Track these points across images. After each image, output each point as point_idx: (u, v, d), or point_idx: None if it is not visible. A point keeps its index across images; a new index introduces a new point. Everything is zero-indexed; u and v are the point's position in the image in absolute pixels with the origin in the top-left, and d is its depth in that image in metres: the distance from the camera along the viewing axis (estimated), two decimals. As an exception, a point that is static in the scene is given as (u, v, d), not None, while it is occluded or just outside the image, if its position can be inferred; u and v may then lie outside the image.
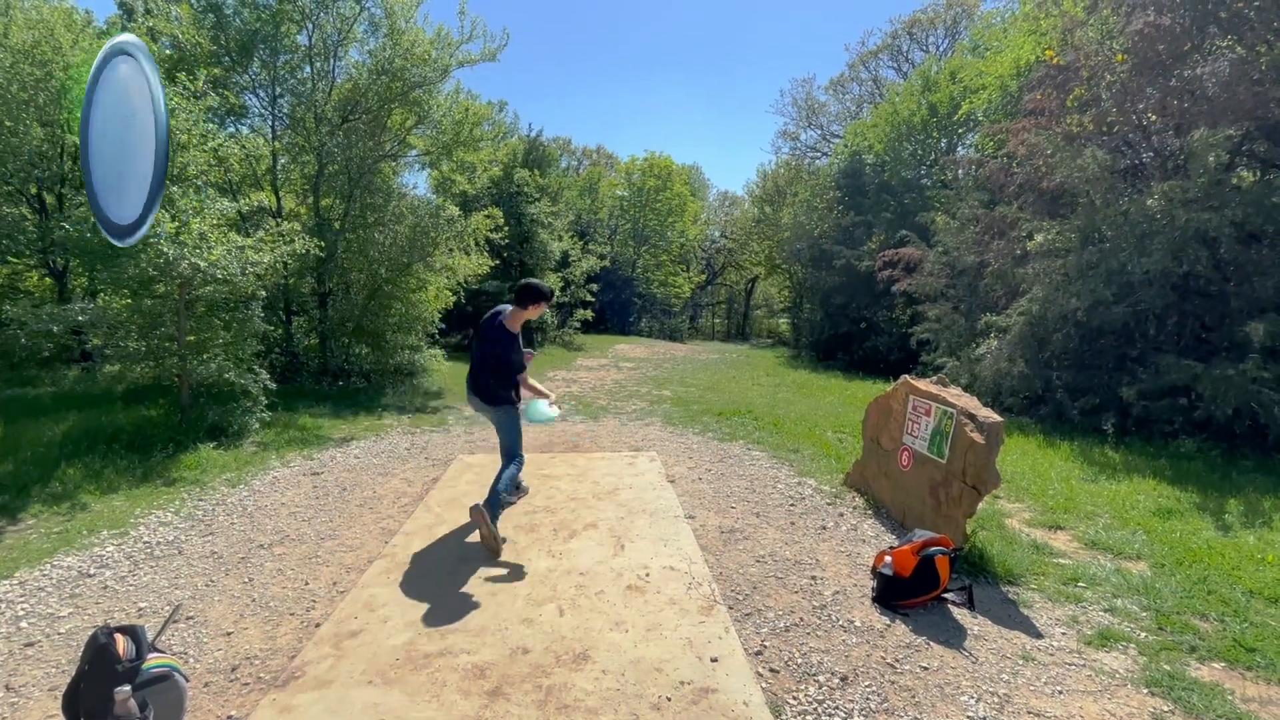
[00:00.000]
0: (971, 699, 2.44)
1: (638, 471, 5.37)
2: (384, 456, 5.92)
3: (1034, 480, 5.35)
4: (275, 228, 7.15)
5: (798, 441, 6.52)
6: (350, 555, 3.69)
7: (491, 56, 10.54)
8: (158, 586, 3.28)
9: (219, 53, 9.09)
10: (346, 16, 9.76)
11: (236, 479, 5.11)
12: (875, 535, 4.08)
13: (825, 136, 31.73)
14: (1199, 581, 3.43)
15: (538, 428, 7.22)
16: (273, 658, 2.65)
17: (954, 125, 18.53)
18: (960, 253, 11.11)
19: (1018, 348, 8.34)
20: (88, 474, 4.86)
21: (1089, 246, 7.62)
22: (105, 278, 6.17)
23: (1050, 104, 9.07)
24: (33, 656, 2.64)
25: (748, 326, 39.90)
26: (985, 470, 3.43)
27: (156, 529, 4.05)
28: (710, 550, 3.78)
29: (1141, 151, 8.42)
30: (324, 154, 9.66)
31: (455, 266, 10.65)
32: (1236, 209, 6.45)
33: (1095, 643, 2.86)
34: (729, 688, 2.45)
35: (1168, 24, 7.31)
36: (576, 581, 3.31)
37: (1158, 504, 4.77)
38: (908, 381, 4.35)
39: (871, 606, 3.15)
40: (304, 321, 10.48)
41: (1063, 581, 3.46)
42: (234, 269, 5.93)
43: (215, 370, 6.16)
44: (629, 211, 33.40)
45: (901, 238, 14.31)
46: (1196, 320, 7.31)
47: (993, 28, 17.42)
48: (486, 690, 2.40)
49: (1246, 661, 2.71)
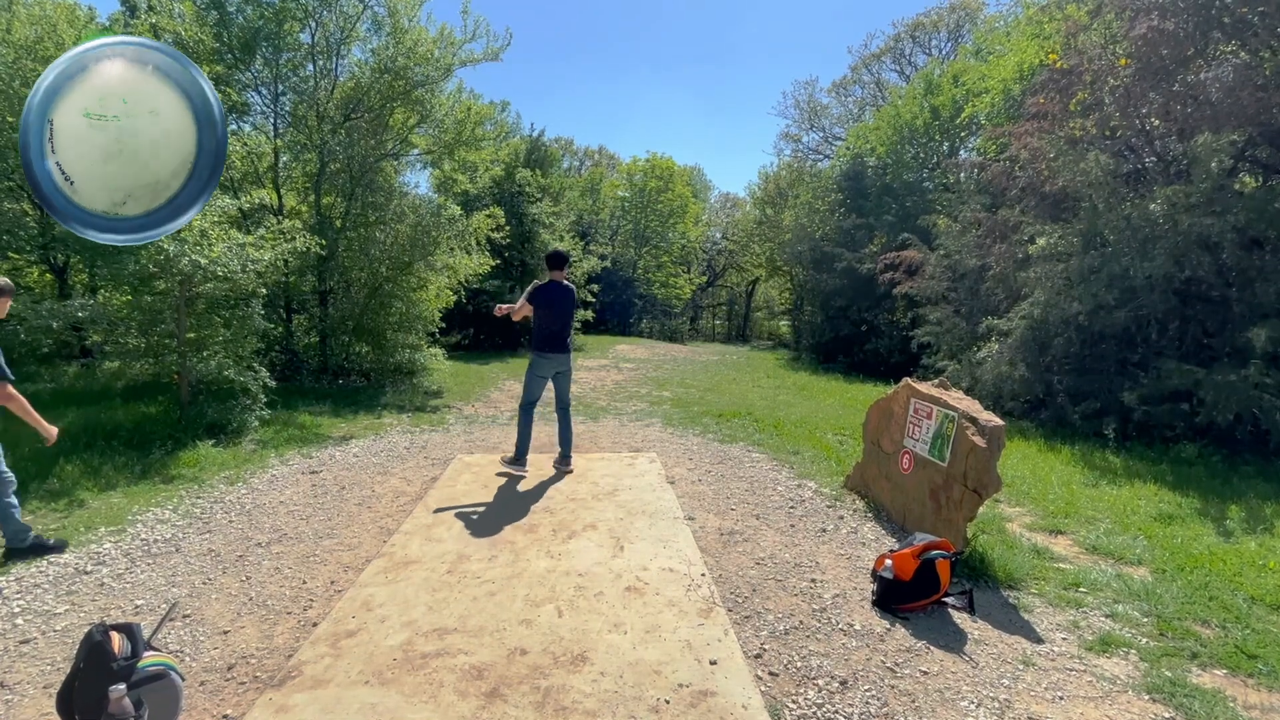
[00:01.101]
0: (972, 704, 2.42)
1: (637, 472, 5.36)
2: (383, 455, 5.91)
3: (1035, 484, 5.34)
4: (276, 225, 7.14)
5: (798, 443, 6.51)
6: (348, 554, 3.68)
7: (494, 56, 10.55)
8: (154, 584, 3.26)
9: (222, 50, 9.09)
10: (349, 15, 9.77)
11: (235, 477, 5.10)
12: (875, 538, 4.06)
13: (827, 139, 31.73)
14: (1200, 587, 3.41)
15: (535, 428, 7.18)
16: (269, 657, 2.63)
17: (956, 128, 18.51)
18: (962, 256, 11.09)
19: (1019, 351, 8.32)
20: (86, 471, 4.85)
21: (1091, 251, 7.61)
22: (105, 274, 6.17)
23: (1053, 108, 9.06)
24: (28, 654, 2.62)
25: (748, 328, 39.86)
26: (986, 474, 3.42)
27: (154, 526, 4.03)
28: (710, 552, 3.77)
29: (1144, 156, 8.41)
30: (326, 152, 9.66)
31: (456, 266, 10.64)
32: (1239, 214, 6.43)
33: (1096, 648, 2.84)
34: (728, 690, 2.43)
35: (1171, 29, 7.30)
36: (575, 583, 3.30)
37: (1159, 509, 4.75)
38: (909, 384, 4.34)
39: (871, 610, 3.14)
40: (304, 320, 10.48)
41: (1063, 586, 3.45)
42: (235, 266, 5.92)
43: (215, 368, 6.15)
44: (630, 212, 33.40)
45: (903, 240, 14.29)
46: (1198, 325, 7.29)
47: (996, 31, 17.42)
48: (484, 691, 2.39)
49: (1248, 668, 2.69)
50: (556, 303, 5.13)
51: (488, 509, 4.41)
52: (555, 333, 5.16)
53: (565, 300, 5.18)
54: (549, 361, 5.21)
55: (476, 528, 4.04)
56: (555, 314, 5.15)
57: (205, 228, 5.89)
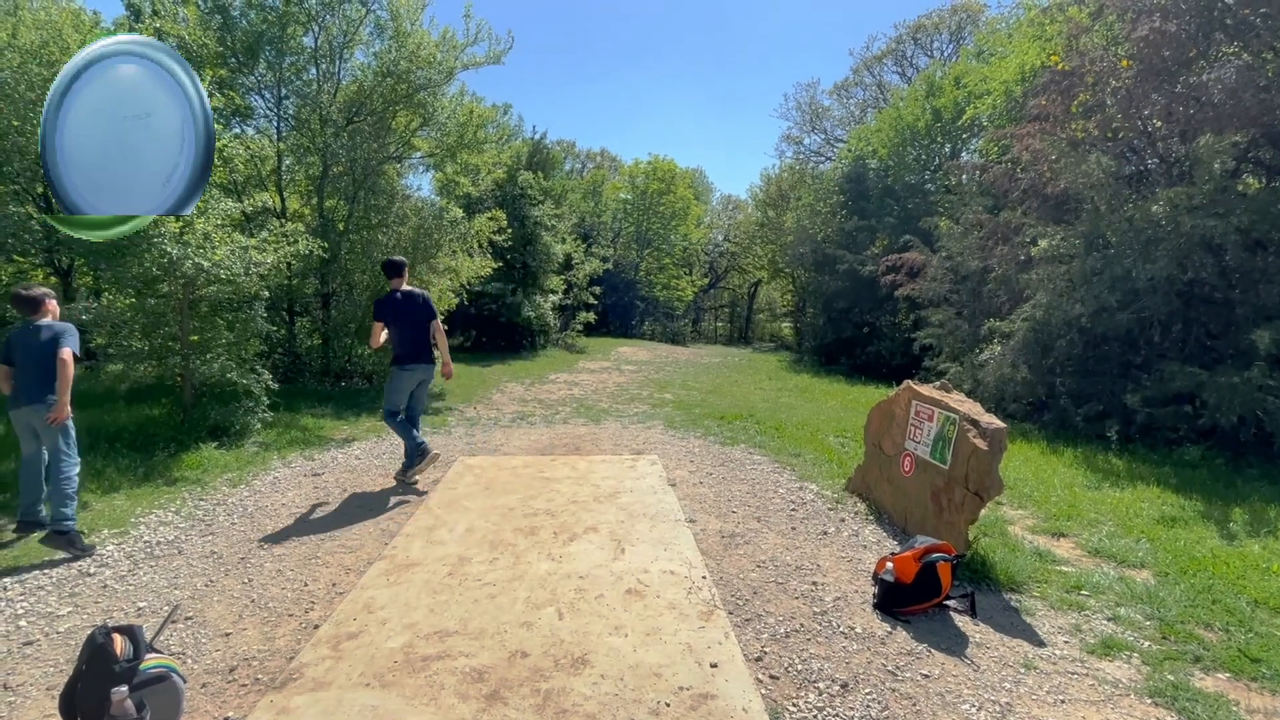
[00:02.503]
0: (973, 707, 2.42)
1: (639, 475, 5.36)
2: (385, 458, 5.92)
3: (1037, 487, 5.33)
4: (279, 228, 7.16)
5: (799, 446, 6.50)
6: (349, 556, 3.69)
7: (496, 59, 10.57)
8: (157, 586, 3.28)
9: (225, 54, 9.14)
10: (352, 19, 9.80)
11: (238, 479, 5.11)
12: (877, 541, 4.06)
13: (829, 141, 31.73)
14: (1203, 591, 3.40)
15: (536, 431, 7.21)
16: (271, 659, 2.64)
17: (958, 130, 18.49)
18: (964, 258, 11.08)
19: (1021, 353, 8.30)
20: (89, 473, 4.86)
21: (1093, 252, 7.59)
22: (109, 277, 6.19)
23: (1055, 109, 9.05)
24: (31, 655, 2.63)
25: (750, 330, 39.83)
26: (988, 476, 3.41)
27: (157, 528, 4.05)
28: (711, 555, 3.77)
29: (1146, 157, 8.40)
30: (328, 155, 9.70)
31: (459, 268, 10.66)
32: (1242, 216, 6.42)
33: (1098, 652, 2.83)
34: (728, 693, 2.43)
35: (1173, 30, 7.29)
36: (576, 585, 3.30)
37: (1162, 512, 4.74)
38: (910, 386, 4.34)
39: (873, 613, 3.13)
40: (307, 322, 10.51)
41: (1066, 589, 3.43)
42: (238, 269, 5.94)
43: (218, 370, 6.17)
44: (632, 214, 33.44)
45: (905, 242, 14.27)
46: (1201, 327, 7.27)
47: (997, 33, 17.39)
48: (484, 694, 2.39)
49: (1251, 672, 2.68)
50: (403, 313, 4.94)
51: (489, 511, 4.41)
52: (412, 344, 4.96)
53: (411, 307, 4.95)
54: (410, 374, 5.00)
55: (477, 530, 4.05)
56: (405, 324, 4.95)
57: (209, 230, 5.91)
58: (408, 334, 4.98)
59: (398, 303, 4.97)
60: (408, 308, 4.98)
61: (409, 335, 4.98)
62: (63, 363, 3.64)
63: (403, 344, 4.98)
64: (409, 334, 4.98)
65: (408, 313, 4.97)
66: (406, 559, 3.60)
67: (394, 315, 4.96)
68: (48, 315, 3.83)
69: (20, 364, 3.72)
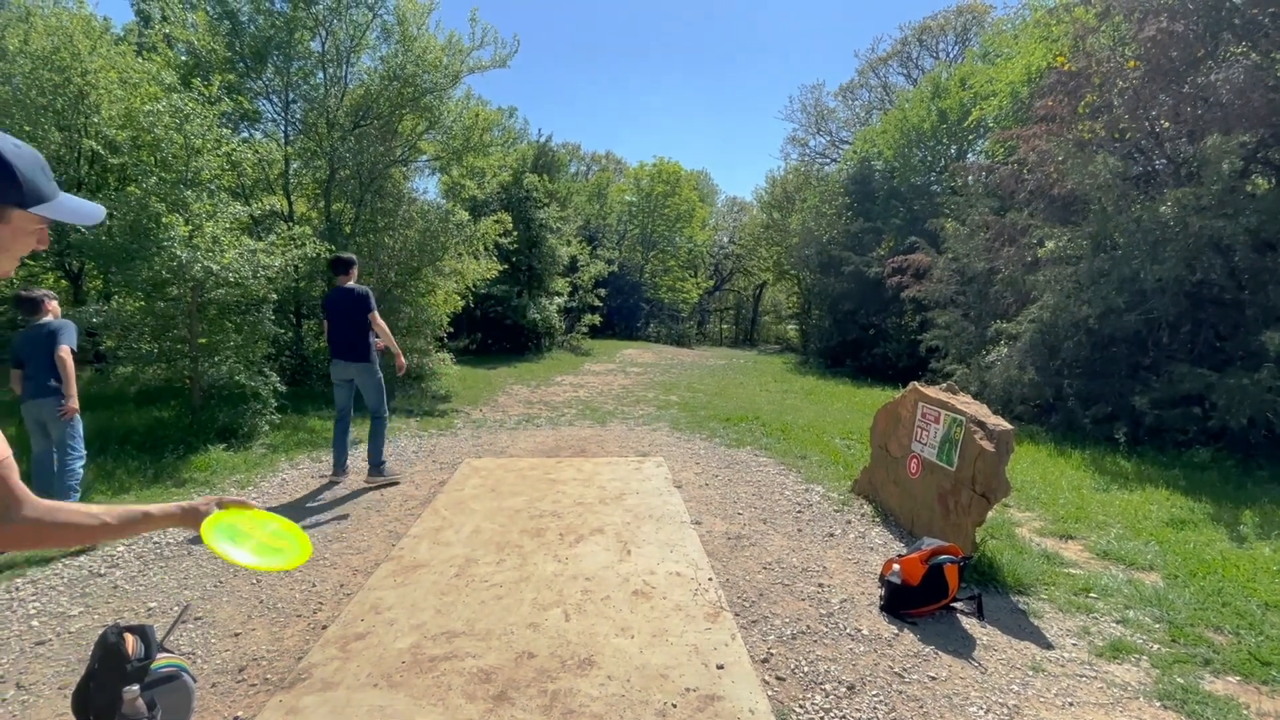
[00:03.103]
0: (980, 710, 2.41)
1: (644, 476, 5.37)
2: (391, 459, 5.93)
3: (1044, 489, 5.30)
4: (287, 231, 7.21)
5: (805, 448, 6.49)
6: (357, 558, 3.71)
7: (502, 63, 10.63)
8: (167, 587, 3.30)
9: (233, 59, 9.22)
10: (359, 24, 9.87)
11: (246, 480, 5.15)
12: (883, 543, 4.05)
13: (834, 142, 31.70)
14: (1213, 593, 3.38)
15: (542, 433, 7.22)
16: (279, 659, 2.66)
17: (964, 132, 18.43)
18: (970, 259, 11.04)
19: (1028, 355, 8.27)
20: (99, 474, 4.91)
21: (1101, 254, 7.56)
22: (119, 280, 6.25)
23: (1061, 110, 9.02)
24: (43, 655, 2.66)
25: (755, 332, 39.81)
26: (995, 478, 3.40)
27: (166, 530, 4.08)
28: (717, 556, 3.77)
29: (1154, 158, 8.36)
30: (335, 159, 9.76)
31: (464, 271, 10.70)
32: (1251, 216, 6.38)
33: (1107, 654, 2.82)
34: (735, 695, 2.43)
35: (1180, 30, 7.26)
36: (582, 586, 3.30)
37: (1171, 514, 4.71)
38: (917, 388, 4.33)
39: (879, 615, 3.13)
40: (314, 324, 10.55)
41: (1074, 592, 3.42)
42: (246, 272, 5.99)
43: (226, 372, 6.22)
44: (637, 217, 33.47)
45: (911, 244, 14.25)
46: (1210, 329, 7.23)
47: (1003, 34, 17.33)
48: (492, 694, 2.40)
49: (1261, 675, 2.66)
50: (337, 309, 5.12)
51: (495, 513, 4.42)
52: (339, 339, 5.12)
53: (344, 305, 5.08)
54: (336, 368, 5.19)
55: (484, 531, 4.06)
56: (336, 320, 5.12)
57: (217, 234, 5.96)
58: (336, 328, 5.14)
59: (333, 299, 5.16)
60: (341, 304, 5.11)
61: (337, 328, 5.13)
62: (61, 360, 3.90)
63: (331, 338, 5.18)
64: (337, 327, 5.13)
65: (341, 309, 5.12)
66: (414, 560, 3.61)
67: (330, 311, 5.16)
68: (48, 315, 4.09)
69: (27, 362, 4.00)
